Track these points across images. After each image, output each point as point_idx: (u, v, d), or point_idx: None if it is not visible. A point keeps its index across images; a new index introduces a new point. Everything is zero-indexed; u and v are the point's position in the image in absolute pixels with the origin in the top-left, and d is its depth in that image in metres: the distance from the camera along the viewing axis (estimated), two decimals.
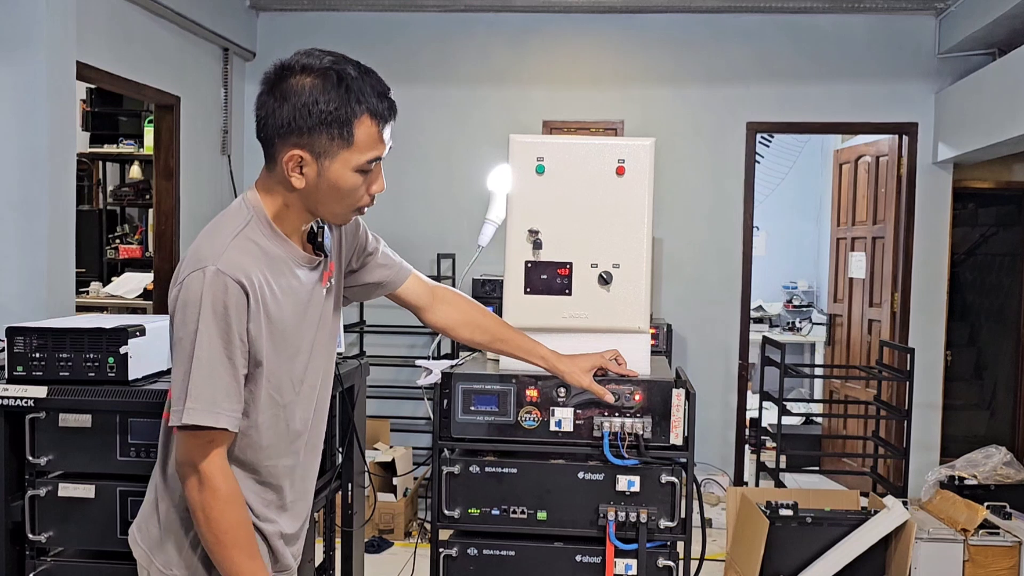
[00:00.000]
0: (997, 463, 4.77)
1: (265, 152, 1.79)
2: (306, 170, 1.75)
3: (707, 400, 6.18)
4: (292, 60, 1.75)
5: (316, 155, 1.74)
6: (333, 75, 1.72)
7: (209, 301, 1.68)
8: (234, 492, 1.75)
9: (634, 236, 2.29)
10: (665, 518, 2.23)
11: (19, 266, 3.98)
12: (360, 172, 1.77)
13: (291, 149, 1.73)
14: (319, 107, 1.70)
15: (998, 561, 3.99)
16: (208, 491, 1.71)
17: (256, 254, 1.75)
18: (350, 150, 1.74)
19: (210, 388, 1.69)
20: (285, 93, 1.72)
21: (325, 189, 1.77)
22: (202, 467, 1.71)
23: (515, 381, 2.24)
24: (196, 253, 1.73)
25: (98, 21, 4.67)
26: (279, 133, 1.73)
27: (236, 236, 1.74)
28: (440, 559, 2.27)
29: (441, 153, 6.38)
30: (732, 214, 6.27)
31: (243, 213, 1.79)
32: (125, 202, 6.99)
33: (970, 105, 5.69)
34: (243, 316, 1.71)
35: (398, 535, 5.40)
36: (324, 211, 1.83)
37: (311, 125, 1.71)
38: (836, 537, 3.90)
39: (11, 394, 2.35)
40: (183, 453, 1.73)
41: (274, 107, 1.73)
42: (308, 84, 1.71)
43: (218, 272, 1.68)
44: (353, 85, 1.73)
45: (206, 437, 1.70)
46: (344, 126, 1.72)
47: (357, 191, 1.80)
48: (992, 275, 7.32)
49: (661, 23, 6.21)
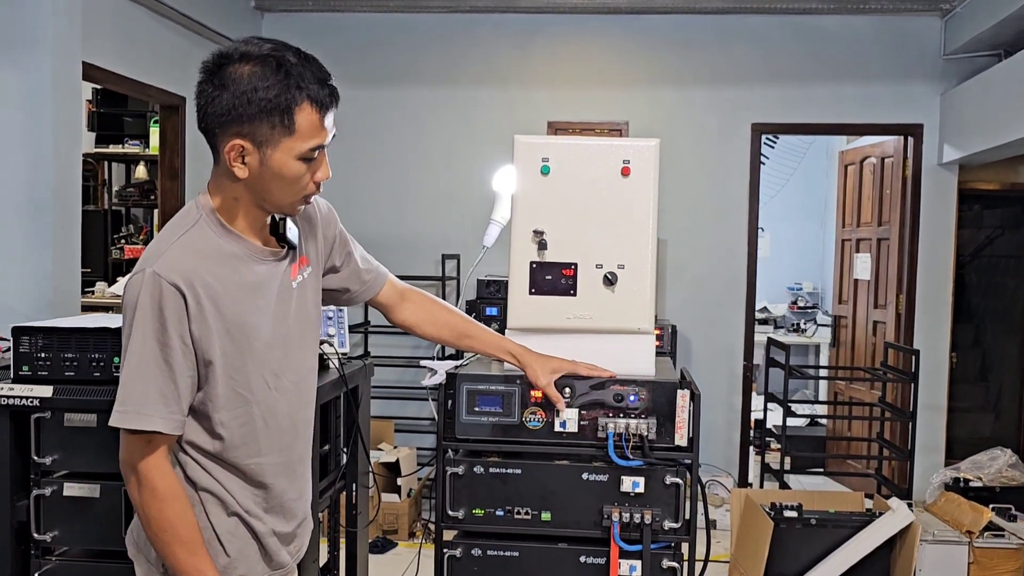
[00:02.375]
0: (1002, 465, 4.77)
1: (209, 144, 1.77)
2: (248, 159, 1.73)
3: (711, 401, 6.17)
4: (231, 48, 1.73)
5: (258, 144, 1.71)
6: (272, 62, 1.70)
7: (146, 303, 1.68)
8: (172, 489, 1.75)
9: (639, 237, 2.28)
10: (670, 519, 2.22)
11: (25, 266, 3.99)
12: (303, 160, 1.75)
13: (232, 139, 1.71)
14: (259, 94, 1.68)
15: (1003, 563, 3.99)
16: (146, 490, 1.73)
17: (204, 252, 1.74)
18: (292, 138, 1.72)
19: (141, 391, 1.70)
20: (224, 81, 1.69)
21: (269, 178, 1.75)
22: (139, 467, 1.73)
23: (519, 382, 2.24)
24: (143, 256, 1.75)
25: (104, 22, 4.67)
26: (219, 123, 1.71)
27: (181, 236, 1.74)
28: (444, 560, 2.27)
29: (445, 154, 6.38)
30: (737, 215, 6.26)
31: (192, 213, 1.79)
32: (130, 202, 7.02)
33: (976, 106, 5.68)
34: (182, 318, 1.70)
35: (402, 535, 5.41)
36: (270, 201, 1.80)
37: (252, 113, 1.69)
38: (840, 539, 3.89)
39: (17, 394, 2.36)
40: (122, 453, 1.75)
41: (213, 95, 1.70)
42: (247, 71, 1.69)
43: (155, 275, 1.68)
44: (293, 71, 1.71)
45: (143, 439, 1.71)
46: (285, 113, 1.70)
47: (302, 179, 1.77)
48: (997, 277, 7.31)
49: (666, 24, 6.21)
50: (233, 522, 1.85)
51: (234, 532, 1.85)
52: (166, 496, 1.73)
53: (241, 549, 1.86)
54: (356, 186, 6.34)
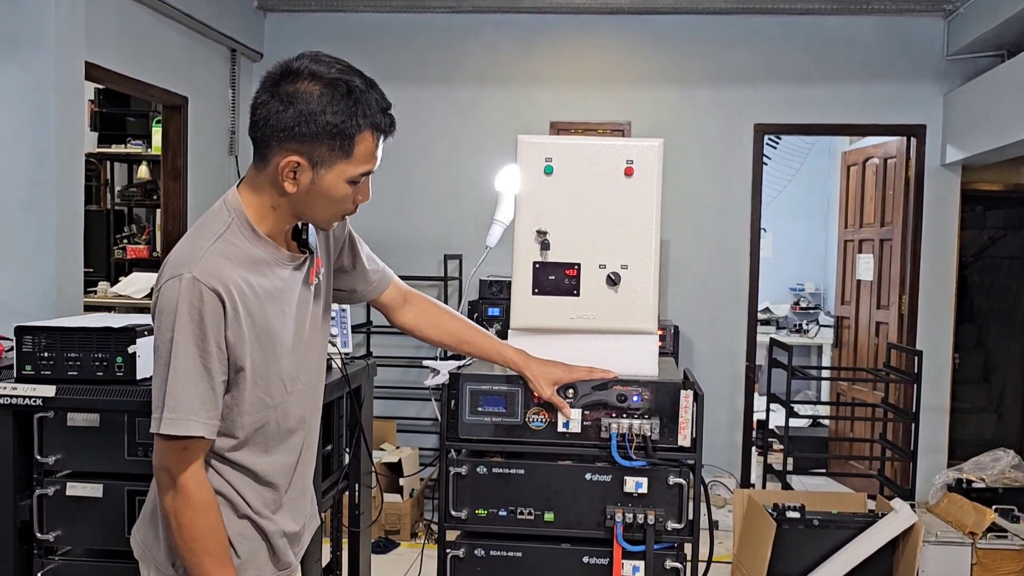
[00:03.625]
0: (1005, 466, 4.76)
1: (257, 151, 1.77)
2: (300, 176, 1.73)
3: (714, 402, 6.17)
4: (300, 64, 1.72)
5: (313, 163, 1.73)
6: (342, 86, 1.71)
7: (185, 309, 1.67)
8: (207, 500, 1.75)
9: (642, 237, 2.28)
10: (673, 520, 2.22)
11: (28, 266, 3.99)
12: (351, 183, 1.77)
13: (289, 155, 1.72)
14: (325, 117, 1.69)
15: (1006, 564, 3.98)
16: (181, 498, 1.72)
17: (237, 258, 1.74)
18: (347, 162, 1.74)
19: (185, 397, 1.69)
20: (291, 97, 1.69)
21: (316, 196, 1.76)
22: (176, 474, 1.72)
23: (523, 382, 2.24)
24: (175, 259, 1.73)
25: (106, 22, 4.68)
26: (278, 137, 1.71)
27: (216, 241, 1.73)
28: (447, 560, 2.27)
29: (448, 154, 6.38)
30: (739, 216, 6.26)
31: (223, 216, 1.78)
32: (133, 202, 7.03)
33: (979, 107, 5.68)
34: (220, 324, 1.70)
35: (404, 535, 5.40)
36: (310, 216, 1.82)
37: (314, 133, 1.69)
38: (843, 540, 3.89)
39: (20, 393, 2.35)
40: (159, 459, 1.74)
41: (277, 109, 1.70)
42: (316, 92, 1.69)
43: (194, 280, 1.67)
44: (361, 99, 1.72)
45: (180, 445, 1.71)
46: (347, 139, 1.72)
47: (346, 200, 1.80)
48: (1000, 278, 7.31)
49: (668, 24, 6.21)
50: (244, 524, 1.85)
51: (244, 534, 1.86)
52: (200, 506, 1.74)
53: (252, 551, 1.87)
54: None
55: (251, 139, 1.77)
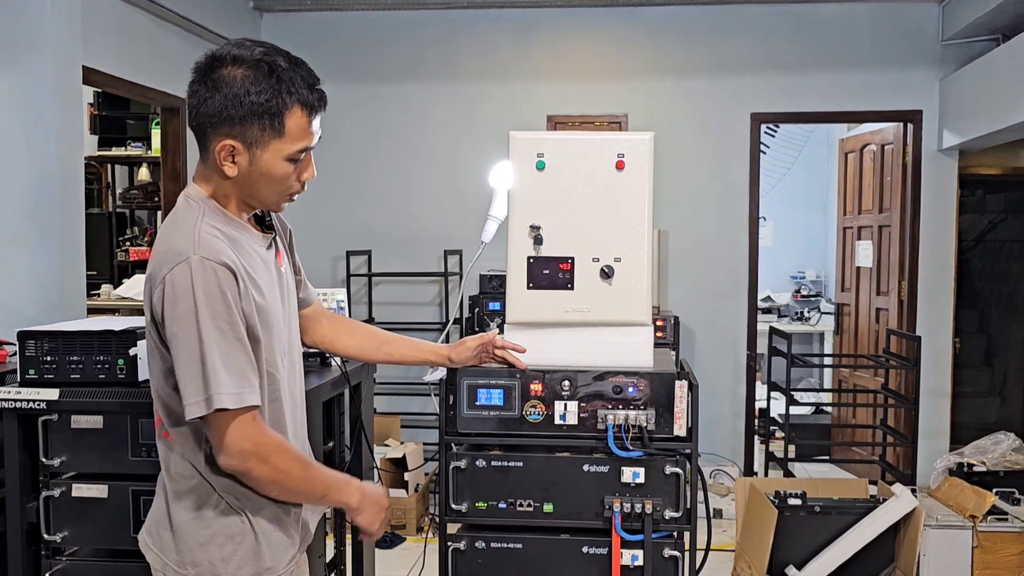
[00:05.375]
0: (1006, 449, 4.77)
1: (198, 141, 1.82)
2: (238, 159, 1.79)
3: (716, 391, 6.20)
4: (223, 50, 1.78)
5: (248, 145, 1.78)
6: (264, 66, 1.76)
7: (202, 290, 1.69)
8: (284, 444, 1.83)
9: (635, 230, 2.30)
10: (670, 509, 2.24)
11: (31, 270, 4.02)
12: (291, 161, 1.82)
13: (223, 139, 1.77)
14: (251, 98, 1.74)
15: (1007, 547, 4.00)
16: (275, 458, 1.78)
17: (222, 236, 1.79)
18: (281, 140, 1.79)
19: (235, 370, 1.71)
20: (216, 83, 1.75)
21: (257, 177, 1.81)
22: (259, 441, 1.75)
23: (520, 376, 2.26)
24: (171, 248, 1.74)
25: (103, 25, 4.70)
26: (211, 123, 1.77)
27: (198, 224, 1.77)
28: (449, 553, 2.30)
29: (447, 149, 6.41)
30: (738, 205, 6.28)
31: (193, 207, 1.82)
32: (134, 204, 7.06)
33: (975, 92, 5.69)
34: (237, 296, 1.74)
35: (410, 530, 5.44)
36: (257, 198, 1.87)
37: (243, 115, 1.75)
38: (845, 526, 3.91)
39: (24, 397, 2.39)
40: (234, 443, 1.73)
41: (205, 96, 1.76)
42: (239, 75, 1.75)
43: (202, 260, 1.70)
44: (284, 76, 1.76)
45: (250, 415, 1.74)
46: (275, 117, 1.76)
47: (288, 179, 1.84)
48: (1001, 262, 7.32)
49: (664, 15, 6.22)
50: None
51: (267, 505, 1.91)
52: (286, 452, 1.81)
53: (277, 516, 1.93)
54: (359, 183, 6.38)
55: (191, 130, 1.82)
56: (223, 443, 1.73)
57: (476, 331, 5.47)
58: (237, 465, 1.75)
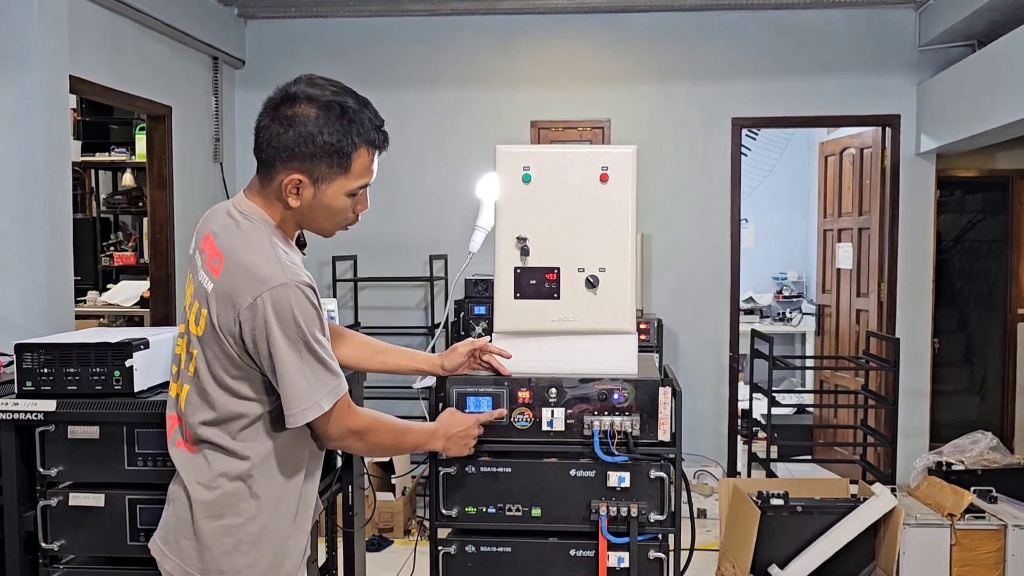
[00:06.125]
0: (983, 448, 4.86)
1: (263, 169, 1.91)
2: (303, 192, 1.89)
3: (699, 392, 6.27)
4: (296, 88, 1.87)
5: (314, 180, 1.89)
6: (337, 107, 1.86)
7: (299, 311, 1.83)
8: (374, 416, 2.05)
9: (619, 240, 2.35)
10: (655, 512, 2.30)
11: (20, 279, 4.05)
12: (350, 195, 1.93)
13: (292, 173, 1.87)
14: (323, 138, 1.84)
15: (984, 544, 4.08)
16: (371, 434, 2.02)
17: (294, 260, 1.91)
18: (346, 177, 1.90)
19: (330, 369, 1.90)
20: (290, 120, 1.85)
21: (318, 209, 1.93)
22: (354, 424, 1.97)
23: (507, 383, 2.31)
24: (255, 275, 1.84)
25: (89, 35, 4.73)
26: (281, 157, 1.87)
27: (276, 250, 1.87)
28: (439, 557, 2.35)
29: (431, 156, 6.45)
30: (720, 208, 6.35)
31: (260, 228, 1.91)
32: (119, 210, 7.05)
33: (951, 96, 5.78)
34: (319, 305, 1.88)
35: (398, 533, 5.48)
36: (314, 226, 1.99)
37: (313, 153, 1.85)
38: (826, 525, 3.98)
39: (21, 408, 2.42)
40: (335, 429, 1.94)
41: (278, 132, 1.85)
42: (312, 114, 1.85)
43: (295, 285, 1.83)
44: (355, 118, 1.87)
45: (345, 403, 1.94)
46: (344, 156, 1.87)
47: (346, 211, 1.97)
48: (980, 261, 7.42)
49: (645, 22, 6.29)
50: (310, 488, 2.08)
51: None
52: (375, 422, 2.04)
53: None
54: None
55: (256, 159, 1.91)
56: (326, 433, 1.96)
57: (462, 335, 5.52)
58: (339, 446, 2.03)
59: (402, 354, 2.44)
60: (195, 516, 1.92)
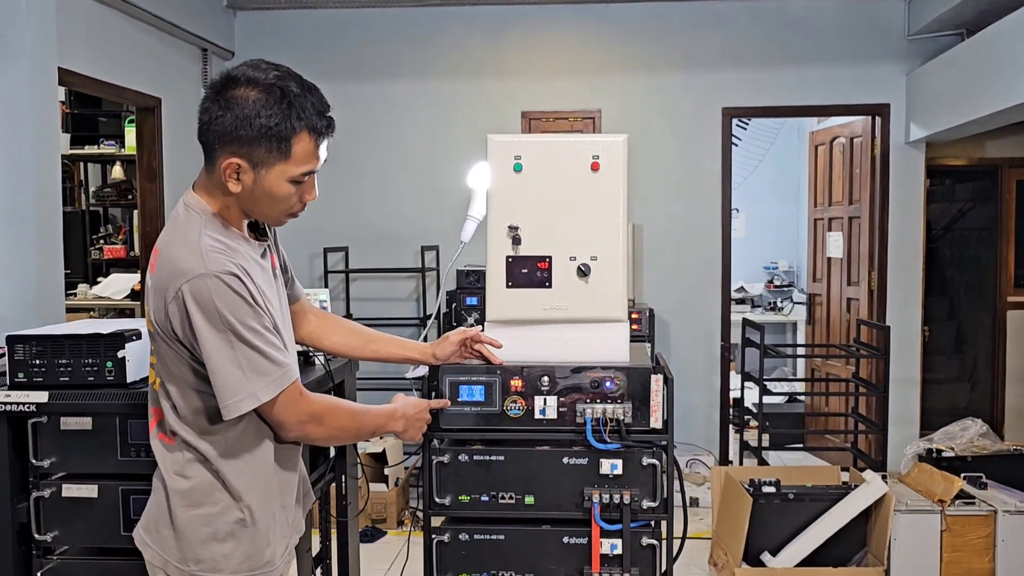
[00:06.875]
0: (973, 435, 4.88)
1: (205, 154, 1.89)
2: (243, 177, 1.85)
3: (691, 382, 6.28)
4: (238, 71, 1.84)
5: (253, 164, 1.84)
6: (277, 91, 1.82)
7: (221, 301, 1.77)
8: (327, 400, 2.02)
9: (610, 229, 2.36)
10: (648, 499, 2.31)
11: (10, 272, 4.03)
12: (294, 183, 1.88)
13: (230, 157, 1.83)
14: (260, 120, 1.80)
15: (974, 530, 4.11)
16: (326, 419, 1.97)
17: (223, 248, 1.85)
18: (286, 163, 1.85)
19: (272, 357, 1.84)
20: (229, 102, 1.81)
21: (260, 195, 1.88)
22: (306, 409, 1.93)
23: (500, 372, 2.32)
24: (177, 267, 1.81)
25: (77, 27, 4.71)
26: (220, 140, 1.83)
27: (203, 240, 1.83)
28: (433, 545, 2.35)
29: (423, 146, 6.45)
30: (710, 198, 6.36)
31: (194, 218, 1.88)
32: (108, 202, 7.03)
33: (940, 85, 5.80)
34: (250, 295, 1.81)
35: (391, 524, 5.50)
36: (258, 214, 1.95)
37: (251, 136, 1.81)
38: (817, 512, 4.00)
39: (13, 400, 2.42)
40: (288, 416, 1.90)
41: (217, 114, 1.82)
42: (252, 97, 1.81)
43: (212, 276, 1.77)
44: (295, 102, 1.83)
45: (296, 390, 1.90)
46: (283, 141, 1.83)
47: (290, 199, 1.91)
48: (970, 249, 7.45)
49: (635, 12, 6.29)
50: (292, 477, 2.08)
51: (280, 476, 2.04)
52: (332, 406, 2.00)
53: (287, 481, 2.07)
54: (335, 180, 6.39)
55: (200, 143, 1.88)
56: (281, 422, 1.91)
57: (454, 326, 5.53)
58: (298, 435, 1.96)
59: (394, 343, 2.43)
60: (172, 505, 1.92)
